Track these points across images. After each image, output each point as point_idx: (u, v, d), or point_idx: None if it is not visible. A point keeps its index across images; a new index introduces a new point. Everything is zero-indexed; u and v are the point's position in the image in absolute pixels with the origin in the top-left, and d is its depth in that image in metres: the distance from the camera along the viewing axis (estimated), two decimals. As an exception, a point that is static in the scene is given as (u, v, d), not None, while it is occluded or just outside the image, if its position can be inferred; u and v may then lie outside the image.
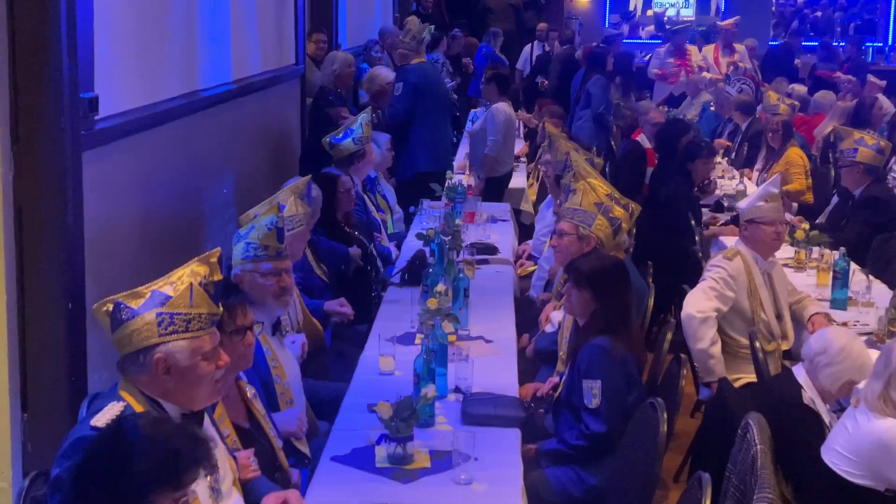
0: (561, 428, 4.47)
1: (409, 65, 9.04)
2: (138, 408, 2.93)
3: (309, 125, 9.10)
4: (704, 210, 8.27)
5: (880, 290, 6.01)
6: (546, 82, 14.53)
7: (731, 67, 14.00)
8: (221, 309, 3.13)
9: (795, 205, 8.61)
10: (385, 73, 9.24)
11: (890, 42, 17.11)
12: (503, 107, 9.30)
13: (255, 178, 7.56)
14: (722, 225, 7.81)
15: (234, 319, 3.62)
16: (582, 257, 4.85)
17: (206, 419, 3.17)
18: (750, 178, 9.44)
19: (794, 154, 9.17)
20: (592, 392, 4.26)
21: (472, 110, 13.58)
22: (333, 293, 5.81)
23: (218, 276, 3.11)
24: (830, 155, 9.83)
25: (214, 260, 3.12)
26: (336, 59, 9.09)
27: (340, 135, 7.26)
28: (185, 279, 3.03)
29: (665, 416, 3.92)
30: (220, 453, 3.09)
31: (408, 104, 8.74)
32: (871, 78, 12.64)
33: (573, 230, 5.46)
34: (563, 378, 4.57)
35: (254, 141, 7.70)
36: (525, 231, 8.72)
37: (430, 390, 4.03)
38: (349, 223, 6.76)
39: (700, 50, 14.51)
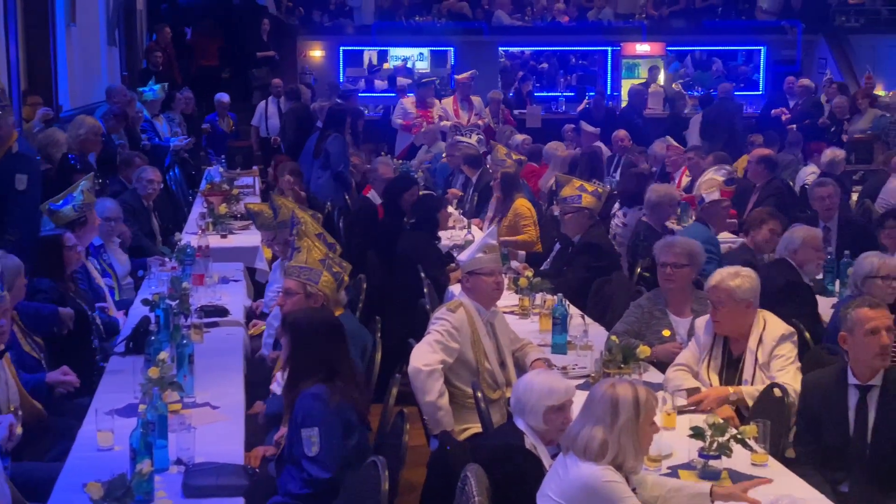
0: (284, 481, 4.47)
1: None
2: None
3: (43, 192, 8.24)
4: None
5: (598, 333, 6.26)
6: (278, 139, 14.52)
7: (476, 117, 14.40)
8: None
9: (523, 253, 8.90)
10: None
11: (609, 91, 18.07)
12: None
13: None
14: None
15: None
16: (295, 311, 4.88)
17: None
18: (481, 228, 9.69)
19: (522, 206, 9.48)
20: (311, 440, 4.33)
21: (207, 168, 13.46)
22: (51, 366, 5.54)
23: None
24: (555, 203, 10.24)
25: None
26: (84, 125, 8.70)
27: (60, 201, 7.01)
28: None
29: (386, 473, 3.96)
30: None
31: None
32: (584, 126, 13.22)
33: (300, 289, 5.51)
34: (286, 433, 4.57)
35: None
36: (261, 289, 8.63)
37: (145, 465, 3.90)
38: (74, 286, 6.52)
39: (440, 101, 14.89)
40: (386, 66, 19.38)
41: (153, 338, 5.55)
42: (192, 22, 17.43)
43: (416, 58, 19.39)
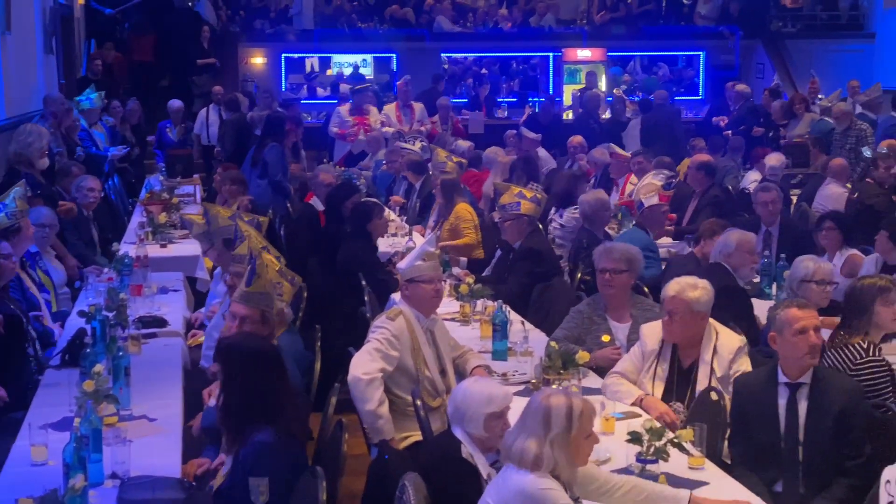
0: None
1: None
2: None
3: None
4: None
5: (539, 339, 6.26)
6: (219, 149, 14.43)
7: (417, 124, 14.38)
8: None
9: (464, 259, 8.92)
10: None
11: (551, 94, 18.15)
12: None
13: None
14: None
15: None
16: (232, 337, 4.76)
17: None
18: (423, 235, 9.68)
19: (463, 210, 9.52)
20: (260, 489, 4.20)
21: (148, 176, 13.38)
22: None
23: None
24: (495, 209, 10.25)
25: None
26: (44, 135, 8.55)
27: (-8, 210, 6.90)
28: None
29: (324, 484, 3.94)
30: None
31: None
32: (525, 132, 13.25)
33: (258, 316, 5.30)
34: (227, 468, 4.46)
35: None
36: (202, 299, 8.56)
37: (78, 481, 3.85)
38: (6, 295, 6.41)
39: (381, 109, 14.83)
40: (329, 72, 19.30)
41: (89, 350, 5.48)
42: (128, 20, 17.40)
43: (359, 64, 19.33)
